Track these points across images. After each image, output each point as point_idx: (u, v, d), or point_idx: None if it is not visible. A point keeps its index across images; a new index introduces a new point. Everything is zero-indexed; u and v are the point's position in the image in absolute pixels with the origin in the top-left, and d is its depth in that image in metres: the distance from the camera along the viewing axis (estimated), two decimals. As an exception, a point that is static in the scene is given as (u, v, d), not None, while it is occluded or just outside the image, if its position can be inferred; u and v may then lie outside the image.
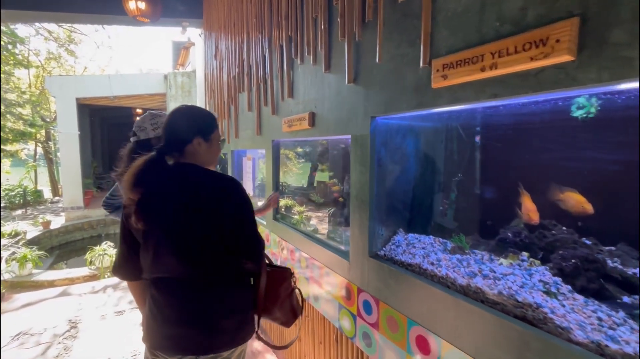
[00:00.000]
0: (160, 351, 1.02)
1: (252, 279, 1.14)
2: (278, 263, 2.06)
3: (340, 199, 1.87)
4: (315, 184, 2.41)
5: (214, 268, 1.01)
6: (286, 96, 1.81)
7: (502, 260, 1.03)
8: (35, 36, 13.83)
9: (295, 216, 2.09)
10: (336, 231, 1.80)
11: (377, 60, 1.12)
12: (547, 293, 0.82)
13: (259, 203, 2.68)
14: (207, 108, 3.73)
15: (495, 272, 0.93)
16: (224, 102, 3.09)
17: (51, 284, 4.13)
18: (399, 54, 1.06)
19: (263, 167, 2.89)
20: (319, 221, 2.00)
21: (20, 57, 11.81)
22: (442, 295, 0.96)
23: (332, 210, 1.95)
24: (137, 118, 1.56)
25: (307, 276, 1.72)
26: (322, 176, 2.43)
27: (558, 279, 0.85)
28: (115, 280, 3.69)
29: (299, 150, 2.75)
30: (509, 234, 1.09)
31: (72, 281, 4.19)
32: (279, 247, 2.05)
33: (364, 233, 1.26)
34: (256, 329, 1.14)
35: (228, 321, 1.03)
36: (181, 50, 11.02)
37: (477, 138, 1.36)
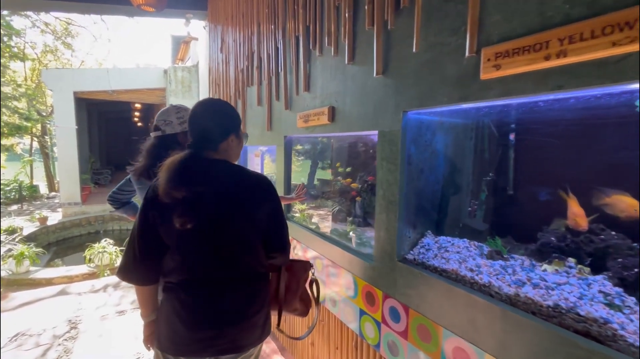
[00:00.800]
0: (190, 356, 1.00)
1: (270, 273, 1.15)
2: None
3: (358, 198, 1.79)
4: (315, 181, 2.33)
5: (250, 265, 1.03)
6: (302, 90, 1.72)
7: (545, 266, 0.96)
8: (32, 28, 13.60)
9: (312, 219, 2.01)
10: (355, 231, 1.72)
11: (413, 49, 1.04)
12: (610, 305, 0.75)
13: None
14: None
15: (546, 281, 0.85)
16: (230, 97, 2.99)
17: (49, 282, 4.02)
18: (438, 42, 0.98)
19: (270, 163, 2.81)
20: (332, 220, 1.92)
21: (16, 49, 11.60)
22: (485, 304, 0.88)
23: (349, 208, 1.88)
24: (160, 111, 1.48)
25: (322, 278, 1.64)
26: (323, 174, 2.36)
27: (620, 290, 0.78)
28: (116, 278, 3.59)
29: (299, 147, 2.66)
30: (552, 238, 1.02)
31: (71, 279, 4.09)
32: (291, 246, 1.97)
33: (391, 236, 1.18)
34: (278, 324, 1.17)
35: (259, 316, 1.05)
36: (181, 44, 10.86)
37: (512, 136, 1.29)
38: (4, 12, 9.26)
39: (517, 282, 0.88)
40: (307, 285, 1.27)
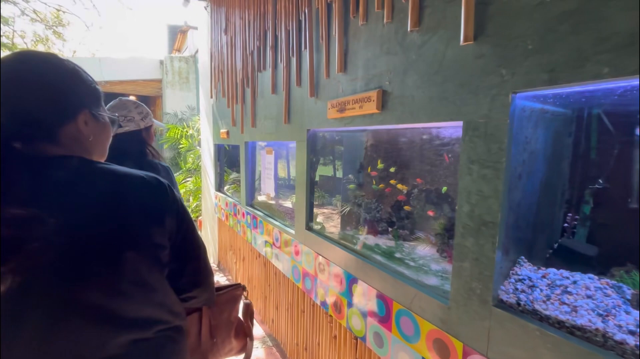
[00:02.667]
0: None
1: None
2: (314, 287, 1.64)
3: (407, 207, 1.44)
4: (351, 185, 1.98)
5: (149, 321, 0.64)
6: (335, 71, 1.36)
7: None
8: (21, 17, 13.02)
9: (355, 235, 1.66)
10: (401, 247, 1.38)
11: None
12: None
13: (285, 204, 2.25)
14: (214, 94, 3.26)
15: None
16: (235, 84, 2.62)
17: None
18: (592, -19, 0.62)
19: (285, 162, 2.45)
20: (369, 232, 1.57)
21: (4, 39, 11.05)
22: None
23: (389, 216, 1.53)
24: (111, 106, 1.38)
25: (363, 311, 1.30)
26: (324, 170, 2.04)
27: None
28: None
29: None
30: None
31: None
32: (314, 265, 1.63)
33: (484, 270, 0.83)
34: None
35: None
36: (178, 34, 10.38)
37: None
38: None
39: None
40: (240, 314, 0.98)
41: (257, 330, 2.47)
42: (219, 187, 3.46)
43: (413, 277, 1.15)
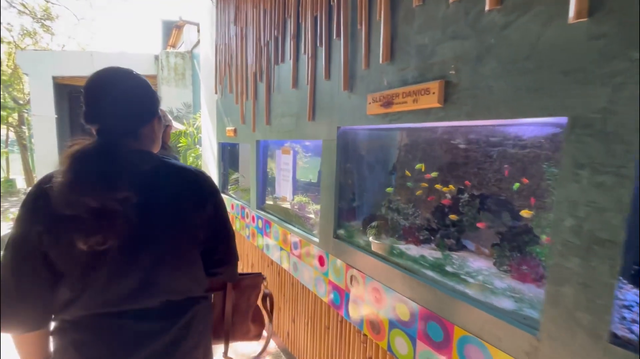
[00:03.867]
0: None
1: (211, 294, 0.96)
2: (344, 303, 1.47)
3: (453, 216, 1.29)
4: (388, 189, 1.81)
5: (185, 289, 0.81)
6: (379, 60, 1.20)
7: None
8: (8, 9, 12.54)
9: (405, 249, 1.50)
10: (449, 258, 1.22)
11: None
12: None
13: (310, 211, 2.07)
14: (219, 90, 3.06)
15: None
16: (246, 79, 2.43)
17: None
18: None
19: (303, 164, 2.28)
20: (410, 240, 1.41)
21: (-12, 31, 10.59)
22: None
23: (429, 222, 1.38)
24: None
25: (411, 333, 1.14)
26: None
27: None
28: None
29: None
30: None
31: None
32: (345, 278, 1.46)
33: (597, 299, 0.68)
34: (225, 353, 0.99)
35: (196, 353, 0.84)
36: (172, 29, 10.08)
37: None
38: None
39: None
40: (259, 302, 1.08)
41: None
42: (223, 188, 3.27)
43: (478, 298, 0.99)
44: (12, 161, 13.72)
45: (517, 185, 1.13)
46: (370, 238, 1.46)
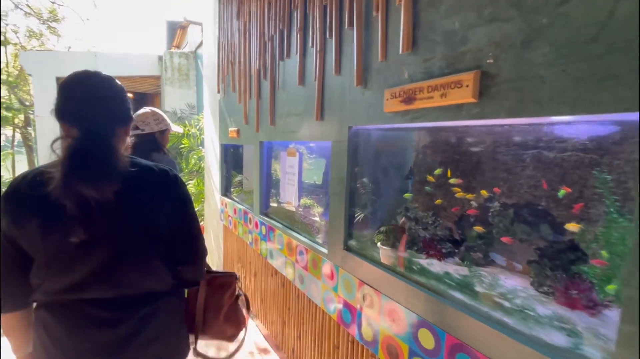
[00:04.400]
0: None
1: (186, 291, 1.01)
2: (356, 322, 1.32)
3: (478, 228, 1.14)
4: (407, 194, 1.66)
5: (144, 280, 0.84)
6: (399, 50, 1.05)
7: None
8: (14, 10, 12.62)
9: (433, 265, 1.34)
10: (476, 274, 1.07)
11: None
12: None
13: (314, 214, 1.93)
14: (222, 89, 2.94)
15: None
16: (249, 77, 2.30)
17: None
18: None
19: (307, 165, 2.13)
20: (432, 254, 1.26)
21: (-5, 33, 10.63)
22: None
23: (450, 233, 1.22)
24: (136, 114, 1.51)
25: (436, 363, 0.98)
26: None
27: None
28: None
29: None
30: None
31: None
32: (357, 296, 1.31)
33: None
34: (194, 345, 1.00)
35: (157, 345, 0.86)
36: (177, 30, 10.03)
37: None
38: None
39: None
40: (235, 303, 1.09)
41: (274, 357, 2.15)
42: (226, 192, 3.14)
43: (519, 327, 0.84)
44: (17, 162, 13.78)
45: (562, 192, 0.97)
46: (378, 244, 1.32)
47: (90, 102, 0.79)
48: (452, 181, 1.21)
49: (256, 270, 2.46)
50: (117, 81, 0.87)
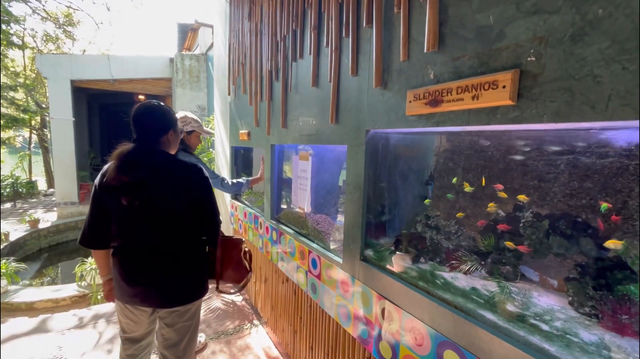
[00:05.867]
0: (129, 305, 1.32)
1: (207, 248, 1.40)
2: (374, 338, 1.24)
3: (509, 243, 1.05)
4: (426, 200, 1.57)
5: (176, 237, 1.27)
6: (424, 49, 0.97)
7: None
8: (32, 15, 12.96)
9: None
10: (508, 294, 0.98)
11: None
12: None
13: (335, 226, 1.85)
14: (233, 91, 2.90)
15: None
16: (261, 78, 2.25)
17: (30, 307, 3.31)
18: None
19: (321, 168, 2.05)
20: (453, 267, 1.17)
21: (15, 38, 10.91)
22: None
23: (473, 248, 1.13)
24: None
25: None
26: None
27: None
28: (109, 307, 2.88)
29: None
30: None
31: (56, 303, 3.38)
32: (375, 310, 1.23)
33: None
34: (217, 287, 1.46)
35: (186, 277, 1.31)
36: (188, 32, 10.11)
37: None
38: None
39: None
40: (242, 257, 1.48)
41: (284, 368, 2.08)
42: (236, 195, 3.09)
43: (562, 356, 0.75)
44: (34, 162, 14.10)
45: (604, 206, 0.88)
46: (396, 254, 1.23)
47: (137, 122, 1.27)
48: (499, 186, 1.12)
49: (267, 275, 2.40)
50: (159, 104, 1.32)
